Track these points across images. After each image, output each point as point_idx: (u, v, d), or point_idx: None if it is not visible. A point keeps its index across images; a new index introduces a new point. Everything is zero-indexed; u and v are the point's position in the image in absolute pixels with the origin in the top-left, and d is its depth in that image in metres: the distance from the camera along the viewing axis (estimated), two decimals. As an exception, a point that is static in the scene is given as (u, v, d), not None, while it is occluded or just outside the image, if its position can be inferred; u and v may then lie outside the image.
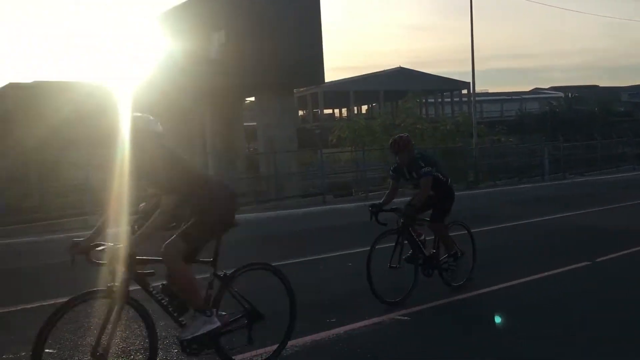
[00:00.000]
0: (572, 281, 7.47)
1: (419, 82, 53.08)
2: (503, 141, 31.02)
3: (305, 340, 5.30)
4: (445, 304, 6.44)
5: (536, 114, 62.65)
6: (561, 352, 4.94)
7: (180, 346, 4.28)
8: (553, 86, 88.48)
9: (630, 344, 5.05)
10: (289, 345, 4.97)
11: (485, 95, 75.63)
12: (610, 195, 18.98)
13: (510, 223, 13.10)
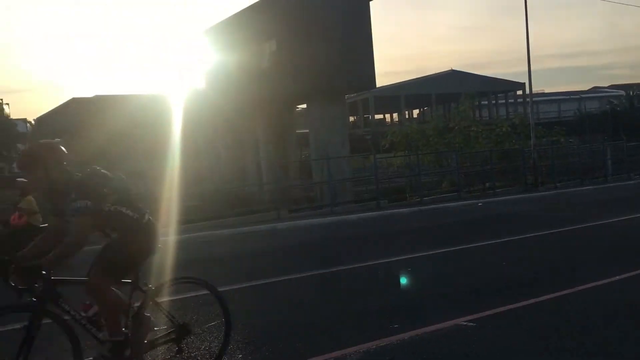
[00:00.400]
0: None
1: (471, 84, 52.11)
2: (563, 142, 30.00)
3: (369, 346, 5.19)
4: (514, 309, 6.17)
5: (596, 113, 60.46)
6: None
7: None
8: (613, 84, 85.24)
9: None
10: (353, 351, 4.86)
11: (542, 96, 73.53)
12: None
13: (574, 226, 12.60)
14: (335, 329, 5.90)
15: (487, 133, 29.92)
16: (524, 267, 8.61)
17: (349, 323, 6.09)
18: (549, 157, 26.71)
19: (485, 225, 14.66)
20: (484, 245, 10.77)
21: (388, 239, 13.24)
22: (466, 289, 7.31)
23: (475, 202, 20.51)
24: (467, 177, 25.38)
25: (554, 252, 9.95)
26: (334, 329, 5.91)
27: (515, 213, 16.83)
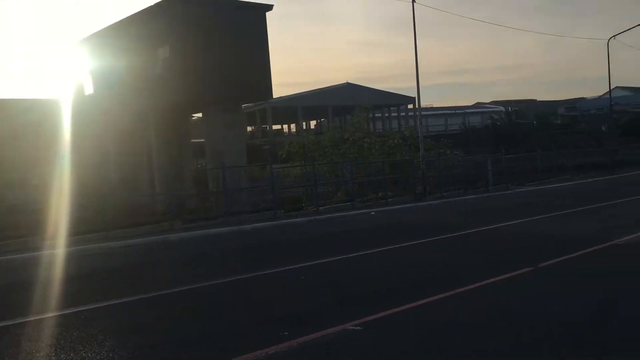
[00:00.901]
0: (520, 286, 7.67)
1: (366, 97, 53.81)
2: (449, 154, 31.73)
3: (257, 355, 5.23)
4: (400, 312, 6.46)
5: (479, 127, 64.52)
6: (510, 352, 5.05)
7: None
8: (494, 100, 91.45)
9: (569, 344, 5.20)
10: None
11: (431, 110, 77.38)
12: (549, 204, 19.67)
13: (457, 232, 13.38)
14: (224, 339, 5.90)
15: (380, 145, 30.97)
16: (411, 272, 9.03)
17: (239, 332, 6.11)
18: (437, 168, 28.15)
19: (377, 233, 15.19)
20: (374, 252, 11.17)
21: (284, 248, 13.36)
22: (355, 295, 7.56)
23: (369, 211, 21.18)
24: (361, 187, 26.14)
25: (439, 257, 10.53)
26: (224, 339, 5.90)
27: (405, 221, 17.58)
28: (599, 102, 78.02)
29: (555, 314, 6.18)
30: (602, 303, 6.61)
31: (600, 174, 35.70)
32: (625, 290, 7.14)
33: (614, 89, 71.90)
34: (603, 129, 60.41)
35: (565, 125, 73.20)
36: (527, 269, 8.53)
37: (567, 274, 8.32)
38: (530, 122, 63.31)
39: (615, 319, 6.00)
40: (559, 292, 7.17)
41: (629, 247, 10.16)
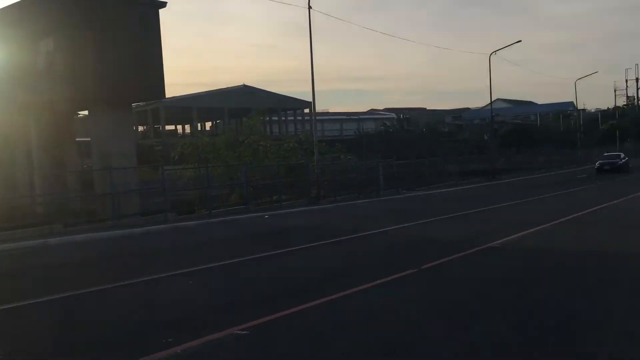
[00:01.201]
0: (405, 286, 7.94)
1: (263, 100, 53.84)
2: (343, 159, 32.39)
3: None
4: (285, 316, 6.45)
5: (372, 133, 66.57)
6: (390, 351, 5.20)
7: None
8: (387, 107, 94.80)
9: (452, 340, 5.45)
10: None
11: (326, 115, 78.78)
12: (436, 207, 20.66)
13: (348, 236, 13.67)
14: (106, 347, 5.60)
15: (276, 148, 31.04)
16: (300, 276, 9.08)
17: (120, 341, 5.82)
18: (331, 173, 28.63)
19: (270, 236, 15.18)
20: (265, 256, 11.13)
21: (173, 252, 12.98)
22: (243, 299, 7.47)
23: (263, 214, 21.11)
24: (256, 190, 26.00)
25: (329, 260, 10.68)
26: (106, 347, 5.60)
27: (298, 225, 17.70)
28: (482, 112, 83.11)
29: (431, 311, 6.46)
30: (474, 300, 6.98)
31: (482, 180, 38.06)
32: (496, 288, 7.61)
33: (495, 100, 77.14)
34: (485, 138, 64.39)
35: (451, 133, 77.35)
36: (412, 270, 8.86)
37: (446, 274, 8.75)
38: (420, 130, 66.28)
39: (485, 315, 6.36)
40: (438, 291, 7.51)
41: (504, 249, 10.86)
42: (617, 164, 39.92)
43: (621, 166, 39.22)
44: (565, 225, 14.01)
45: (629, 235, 12.15)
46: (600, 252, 10.16)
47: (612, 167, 39.24)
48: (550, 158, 55.04)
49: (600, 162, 41.10)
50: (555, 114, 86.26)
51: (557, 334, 5.48)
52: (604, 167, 39.48)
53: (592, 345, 5.17)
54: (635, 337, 5.35)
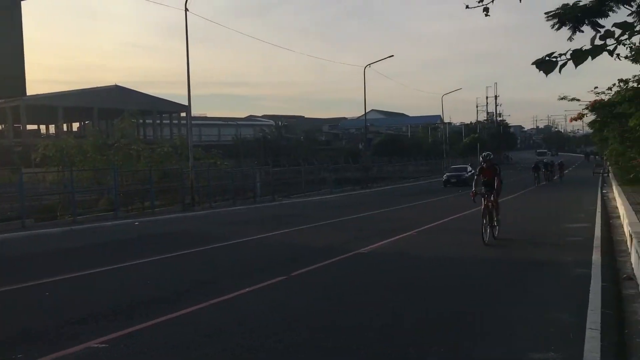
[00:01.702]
0: (272, 293, 8.00)
1: (136, 101, 51.65)
2: (219, 164, 32.00)
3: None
4: (145, 328, 6.26)
5: (251, 139, 66.48)
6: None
7: None
8: (266, 114, 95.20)
9: (316, 349, 5.59)
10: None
11: (204, 119, 77.37)
12: (312, 215, 21.05)
13: (221, 243, 13.52)
14: None
15: (149, 152, 29.98)
16: (167, 285, 8.81)
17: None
18: (206, 178, 28.15)
19: (139, 244, 14.62)
20: (132, 264, 10.71)
21: (30, 261, 12.07)
22: (102, 311, 7.11)
23: (132, 221, 20.28)
24: (126, 196, 24.92)
25: (199, 267, 10.49)
26: None
27: (170, 232, 17.21)
28: (357, 122, 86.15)
29: (295, 317, 6.59)
30: (336, 306, 7.22)
31: (356, 188, 39.40)
32: (360, 293, 7.93)
33: (370, 111, 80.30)
34: (360, 147, 66.80)
35: (328, 142, 79.31)
36: (281, 277, 8.96)
37: (313, 281, 8.95)
38: (298, 138, 67.30)
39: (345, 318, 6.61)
40: (304, 297, 7.67)
41: (372, 254, 11.32)
42: (463, 177, 38.44)
43: (467, 179, 36.79)
44: (422, 233, 14.90)
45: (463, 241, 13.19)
46: (443, 257, 10.93)
47: (458, 179, 38.22)
48: (419, 168, 58.31)
49: (447, 175, 40.39)
50: (425, 126, 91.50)
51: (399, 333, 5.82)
52: (450, 180, 38.79)
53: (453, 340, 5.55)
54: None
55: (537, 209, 21.30)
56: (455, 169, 42.70)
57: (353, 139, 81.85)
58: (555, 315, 6.42)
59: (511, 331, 5.90)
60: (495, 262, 10.28)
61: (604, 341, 5.41)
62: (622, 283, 8.10)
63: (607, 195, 25.07)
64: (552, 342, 5.43)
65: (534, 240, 13.04)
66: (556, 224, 15.72)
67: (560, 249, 11.29)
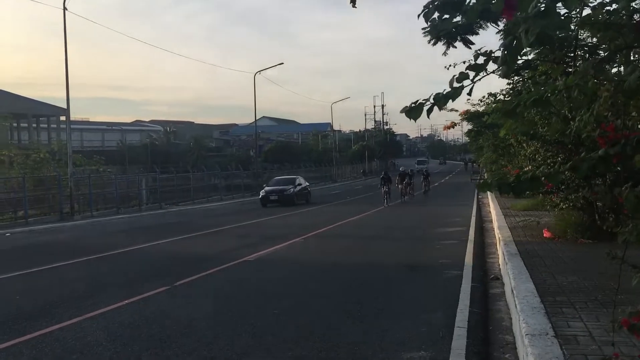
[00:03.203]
0: (154, 305, 7.76)
1: (9, 104, 47.99)
2: (102, 171, 30.57)
3: None
4: (21, 343, 5.84)
5: (137, 145, 64.06)
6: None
7: None
8: (153, 119, 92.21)
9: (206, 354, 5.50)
10: None
11: (86, 124, 73.48)
12: (199, 223, 20.66)
13: (101, 254, 12.92)
14: None
15: (23, 158, 28.04)
16: (39, 299, 8.28)
17: None
18: (87, 186, 26.79)
19: (9, 256, 13.60)
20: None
21: None
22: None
23: (4, 232, 18.87)
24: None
25: (77, 279, 9.96)
26: None
27: (46, 243, 16.19)
28: (248, 129, 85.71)
29: (176, 327, 6.45)
30: (220, 313, 7.16)
31: (246, 195, 39.20)
32: (242, 298, 7.91)
33: (261, 118, 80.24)
34: (251, 154, 66.56)
35: (219, 148, 78.31)
36: (164, 287, 8.73)
37: (198, 290, 8.81)
38: (187, 143, 65.82)
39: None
40: (186, 306, 7.52)
41: (258, 262, 11.32)
42: (287, 192, 28.72)
43: (293, 196, 28.70)
44: (311, 238, 15.16)
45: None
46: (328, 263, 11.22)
47: (282, 196, 28.42)
48: (308, 174, 59.11)
49: (266, 191, 29.06)
50: (315, 133, 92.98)
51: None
52: (269, 198, 28.34)
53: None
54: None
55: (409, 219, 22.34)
56: (279, 182, 30.68)
57: (244, 146, 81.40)
58: (428, 315, 6.77)
59: (385, 332, 6.14)
60: (378, 264, 10.67)
61: (469, 338, 5.79)
62: (489, 283, 8.71)
63: (482, 201, 26.86)
64: (423, 341, 5.72)
65: (415, 241, 13.69)
66: (433, 228, 16.60)
67: (436, 252, 11.93)
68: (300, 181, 31.17)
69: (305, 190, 31.01)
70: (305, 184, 31.72)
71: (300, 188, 30.17)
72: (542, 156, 11.53)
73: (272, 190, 28.94)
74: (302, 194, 30.22)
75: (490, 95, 18.53)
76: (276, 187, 29.41)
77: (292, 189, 29.29)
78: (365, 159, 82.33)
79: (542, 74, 9.44)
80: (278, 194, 28.64)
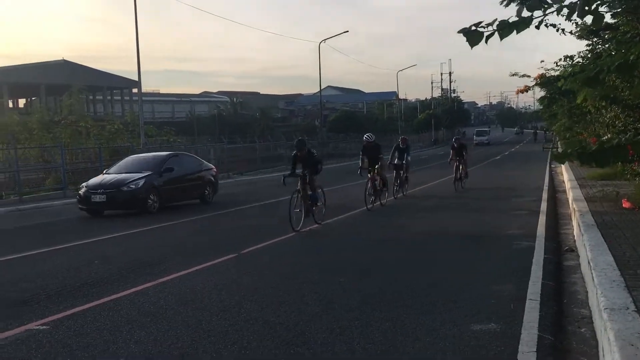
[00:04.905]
0: (222, 271, 7.94)
1: (85, 77, 49.98)
2: (172, 141, 31.43)
3: None
4: (89, 309, 6.12)
5: (205, 116, 65.41)
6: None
7: None
8: (221, 91, 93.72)
9: (266, 325, 5.58)
10: None
11: (157, 96, 75.70)
12: (263, 193, 20.92)
13: (173, 222, 13.35)
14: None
15: (98, 129, 29.18)
16: (109, 265, 8.59)
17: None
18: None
19: (83, 224, 14.25)
20: (76, 245, 10.45)
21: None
22: (41, 293, 6.90)
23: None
24: (75, 174, 24.23)
25: (147, 247, 10.32)
26: None
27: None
28: (313, 99, 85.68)
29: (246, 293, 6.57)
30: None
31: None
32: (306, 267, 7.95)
33: (326, 88, 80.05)
34: (316, 124, 66.65)
35: (284, 118, 78.89)
36: (232, 255, 8.92)
37: (264, 258, 8.95)
38: (254, 114, 66.59)
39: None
40: (251, 275, 7.65)
41: (326, 228, 11.37)
42: (125, 189, 14.94)
43: (131, 196, 14.98)
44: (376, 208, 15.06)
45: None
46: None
47: (112, 197, 14.84)
48: (374, 144, 58.54)
49: (88, 186, 15.39)
50: (380, 102, 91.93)
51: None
52: (93, 200, 14.80)
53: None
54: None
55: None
56: (129, 167, 16.68)
57: (309, 116, 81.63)
58: (498, 287, 6.58)
59: (453, 303, 6.01)
60: (444, 234, 10.48)
61: (542, 311, 5.58)
62: (563, 255, 8.37)
63: (554, 170, 25.83)
64: (493, 313, 5.56)
65: (483, 212, 13.35)
66: (501, 198, 16.10)
67: (505, 223, 11.57)
68: (181, 163, 17.04)
69: (199, 181, 17.39)
70: (197, 168, 17.71)
71: (169, 178, 16.05)
72: (622, 122, 10.88)
73: (99, 186, 15.18)
74: (184, 188, 16.74)
75: (567, 58, 17.55)
76: (111, 180, 15.37)
77: (141, 180, 15.23)
78: (432, 127, 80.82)
79: (625, 33, 8.83)
80: (109, 191, 14.92)
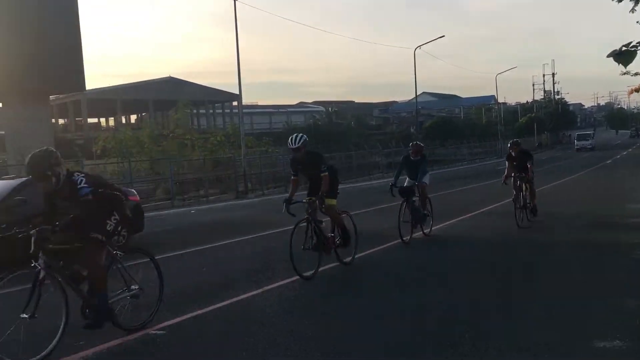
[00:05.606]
0: (324, 279, 7.99)
1: (189, 92, 52.57)
2: (270, 152, 32.28)
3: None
4: (204, 314, 6.37)
5: (301, 126, 66.62)
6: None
7: None
8: (316, 100, 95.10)
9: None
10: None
11: (255, 108, 78.15)
12: (361, 200, 20.89)
13: (274, 230, 13.64)
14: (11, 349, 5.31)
15: (202, 142, 30.57)
16: (219, 272, 8.89)
17: (26, 343, 5.54)
18: (258, 166, 28.47)
19: (194, 232, 14.89)
20: (186, 252, 10.90)
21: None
22: (156, 298, 7.25)
23: (189, 209, 20.73)
24: (181, 185, 25.52)
25: (256, 254, 10.58)
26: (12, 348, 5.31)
27: (224, 219, 17.47)
28: (408, 105, 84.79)
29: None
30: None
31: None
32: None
33: (421, 94, 79.01)
34: (412, 131, 65.88)
35: (379, 126, 78.71)
36: (335, 263, 8.97)
37: (372, 263, 8.91)
38: (349, 122, 66.97)
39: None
40: (352, 284, 7.60)
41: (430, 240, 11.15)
42: None
43: None
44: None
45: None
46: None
47: None
48: (472, 150, 57.09)
49: None
50: (478, 107, 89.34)
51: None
52: None
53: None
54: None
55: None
56: None
57: (404, 123, 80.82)
58: (620, 300, 6.14)
59: (572, 316, 5.67)
60: (555, 242, 9.95)
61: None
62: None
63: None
64: (617, 329, 5.19)
65: (595, 221, 12.56)
66: (618, 204, 15.07)
67: (624, 231, 10.81)
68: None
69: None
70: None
71: None
72: None
73: None
74: None
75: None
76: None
77: None
78: (534, 131, 77.39)
79: None
80: None
